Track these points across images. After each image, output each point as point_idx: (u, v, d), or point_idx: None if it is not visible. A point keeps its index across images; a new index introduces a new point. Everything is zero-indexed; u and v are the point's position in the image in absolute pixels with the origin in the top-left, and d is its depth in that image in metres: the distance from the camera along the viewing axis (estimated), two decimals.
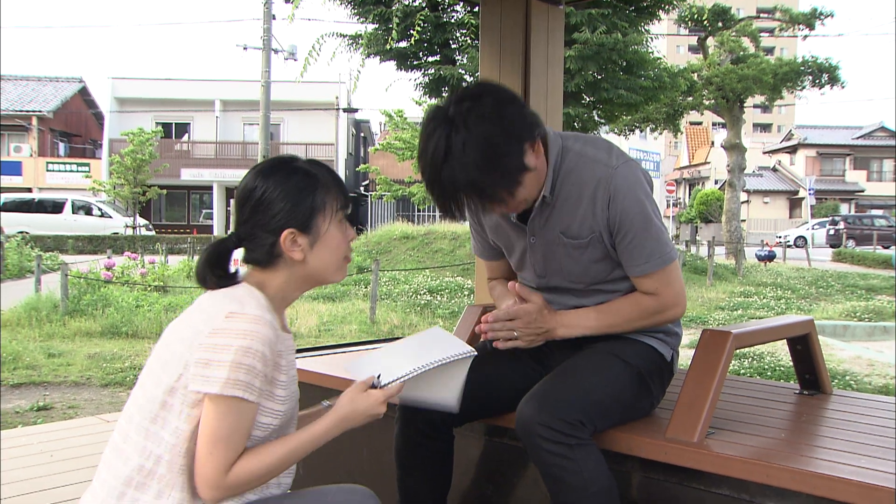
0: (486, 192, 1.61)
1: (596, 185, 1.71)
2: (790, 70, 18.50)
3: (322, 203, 1.46)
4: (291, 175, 1.46)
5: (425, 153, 1.63)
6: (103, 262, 10.96)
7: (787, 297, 13.32)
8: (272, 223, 1.43)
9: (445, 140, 1.59)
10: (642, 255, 1.72)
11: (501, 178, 1.61)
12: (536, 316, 1.77)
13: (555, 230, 1.77)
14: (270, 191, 1.44)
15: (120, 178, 24.68)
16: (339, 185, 1.50)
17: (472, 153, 1.57)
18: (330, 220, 1.47)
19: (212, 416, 1.34)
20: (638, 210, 1.70)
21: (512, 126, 1.62)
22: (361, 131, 37.59)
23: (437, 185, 1.63)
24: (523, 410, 1.65)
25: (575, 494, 1.58)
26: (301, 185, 1.45)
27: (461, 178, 1.59)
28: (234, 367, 1.33)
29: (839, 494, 1.42)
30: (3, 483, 2.82)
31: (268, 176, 1.46)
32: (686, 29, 20.35)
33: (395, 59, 9.60)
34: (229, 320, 1.35)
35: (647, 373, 1.81)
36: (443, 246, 15.26)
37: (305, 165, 1.49)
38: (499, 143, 1.59)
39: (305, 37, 43.10)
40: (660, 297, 1.75)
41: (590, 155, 1.74)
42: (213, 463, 1.34)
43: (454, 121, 1.59)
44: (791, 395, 2.13)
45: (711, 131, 46.65)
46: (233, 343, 1.34)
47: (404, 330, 9.12)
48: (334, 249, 1.49)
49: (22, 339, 7.88)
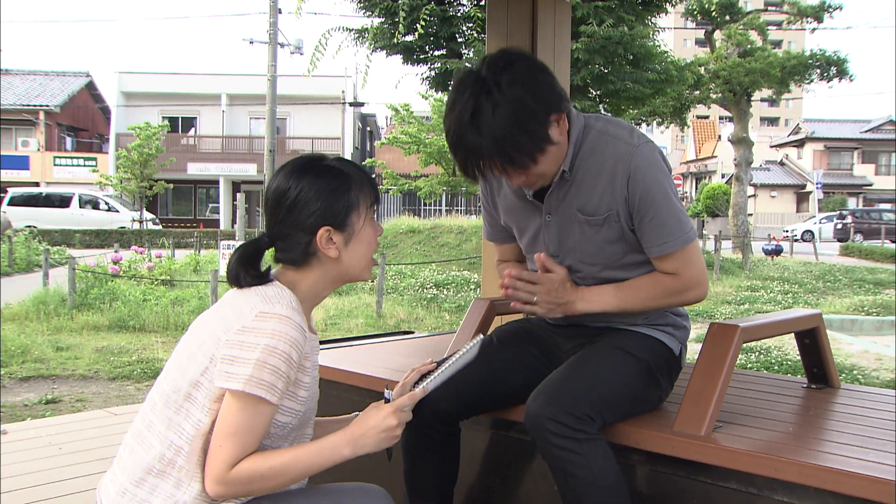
0: (511, 155, 1.60)
1: (616, 162, 1.70)
2: (798, 63, 18.41)
3: (356, 200, 1.48)
4: (324, 174, 1.47)
5: (452, 112, 1.62)
6: (110, 256, 11.00)
7: (795, 291, 13.28)
8: (308, 222, 1.45)
9: (475, 100, 1.58)
10: (662, 234, 1.70)
11: (528, 142, 1.60)
12: (559, 286, 1.76)
13: (571, 207, 1.76)
14: (305, 190, 1.45)
15: (127, 173, 24.75)
16: (370, 182, 1.52)
17: (502, 115, 1.57)
18: (364, 217, 1.49)
19: (229, 410, 1.35)
20: (658, 189, 1.69)
21: (542, 94, 1.62)
22: (368, 125, 37.59)
23: (462, 145, 1.62)
24: (532, 404, 1.64)
25: (584, 489, 1.57)
26: (335, 184, 1.47)
27: (487, 140, 1.58)
28: (259, 366, 1.34)
29: (847, 488, 1.42)
30: (13, 475, 2.84)
31: (301, 176, 1.47)
32: (693, 22, 20.26)
33: (401, 54, 9.59)
34: (259, 319, 1.36)
35: (656, 367, 1.81)
36: (449, 240, 15.26)
37: (336, 164, 1.51)
38: (529, 108, 1.59)
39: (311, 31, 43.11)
40: (680, 277, 1.74)
41: (611, 133, 1.74)
42: (222, 456, 1.35)
43: (486, 82, 1.59)
44: (799, 389, 2.13)
45: (718, 125, 46.53)
46: (260, 342, 1.35)
47: (410, 324, 9.13)
48: (367, 246, 1.51)
49: (30, 332, 7.92)
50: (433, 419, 1.79)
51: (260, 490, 1.40)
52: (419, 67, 9.93)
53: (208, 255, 15.09)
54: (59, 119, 31.50)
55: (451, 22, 9.02)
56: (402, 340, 2.95)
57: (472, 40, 9.30)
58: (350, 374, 2.34)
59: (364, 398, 2.33)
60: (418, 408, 1.81)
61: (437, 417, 1.79)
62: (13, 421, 4.49)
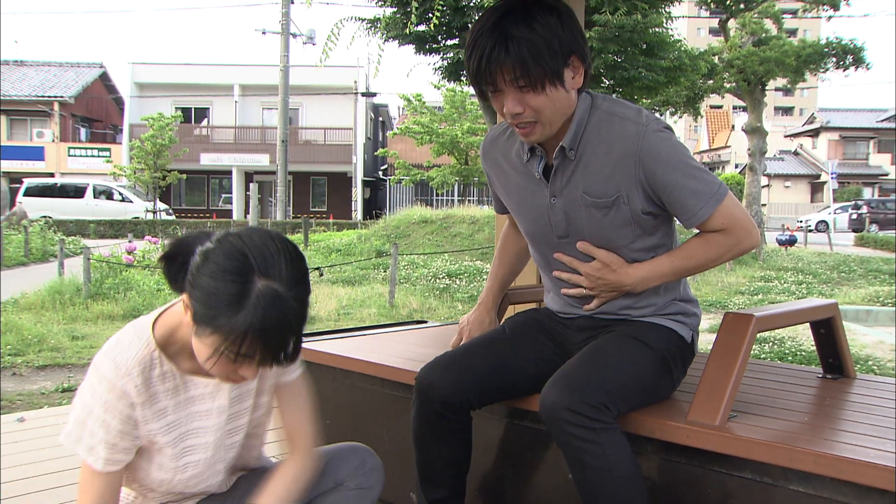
0: (528, 65, 1.57)
1: (625, 144, 1.67)
2: (813, 52, 18.21)
3: (217, 329, 1.21)
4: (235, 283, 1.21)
5: (484, 16, 1.62)
6: (124, 247, 11.06)
7: (809, 281, 13.20)
8: (191, 283, 1.26)
9: (507, 10, 1.59)
10: (696, 201, 1.66)
11: (549, 60, 1.59)
12: (602, 273, 1.77)
13: (577, 188, 1.73)
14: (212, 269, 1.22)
15: (140, 163, 24.87)
16: (261, 342, 1.21)
17: (531, 27, 1.57)
18: (214, 347, 1.23)
19: (82, 475, 1.36)
20: (677, 160, 1.65)
21: (576, 31, 1.63)
22: (380, 115, 37.57)
23: (480, 48, 1.59)
24: (548, 394, 1.64)
25: (599, 478, 1.57)
26: (222, 296, 1.20)
27: (512, 45, 1.56)
28: (79, 424, 1.32)
29: (864, 478, 1.41)
30: (32, 462, 2.87)
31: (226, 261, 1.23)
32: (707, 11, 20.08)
33: (413, 43, 9.56)
34: (93, 371, 1.34)
35: (670, 356, 1.80)
36: (461, 230, 15.25)
37: (258, 294, 1.20)
38: (559, 34, 1.60)
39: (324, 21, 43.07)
40: (729, 231, 1.69)
41: (618, 113, 1.70)
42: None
43: (516, 5, 1.60)
44: (814, 379, 2.11)
45: (732, 115, 46.19)
46: (84, 396, 1.33)
47: (423, 313, 9.15)
48: (204, 360, 1.28)
49: (46, 321, 7.99)
50: (443, 409, 1.79)
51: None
52: (432, 57, 9.90)
53: None
54: (73, 110, 31.67)
55: (463, 11, 8.98)
56: (415, 330, 2.96)
57: None
58: (364, 364, 2.35)
59: (378, 387, 2.34)
60: (428, 398, 1.81)
61: (448, 407, 1.80)
62: (31, 409, 4.54)
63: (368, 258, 12.88)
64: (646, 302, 1.83)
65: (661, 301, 1.84)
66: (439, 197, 30.26)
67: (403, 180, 25.17)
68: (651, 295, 1.83)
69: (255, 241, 1.23)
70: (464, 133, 22.71)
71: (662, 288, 1.83)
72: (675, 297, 1.87)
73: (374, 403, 2.38)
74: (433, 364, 1.85)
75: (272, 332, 1.20)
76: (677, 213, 1.71)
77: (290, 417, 1.56)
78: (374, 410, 2.39)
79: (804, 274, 14.06)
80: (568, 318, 1.93)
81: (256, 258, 1.21)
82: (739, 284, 12.44)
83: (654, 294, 1.83)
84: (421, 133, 22.94)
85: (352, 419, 2.45)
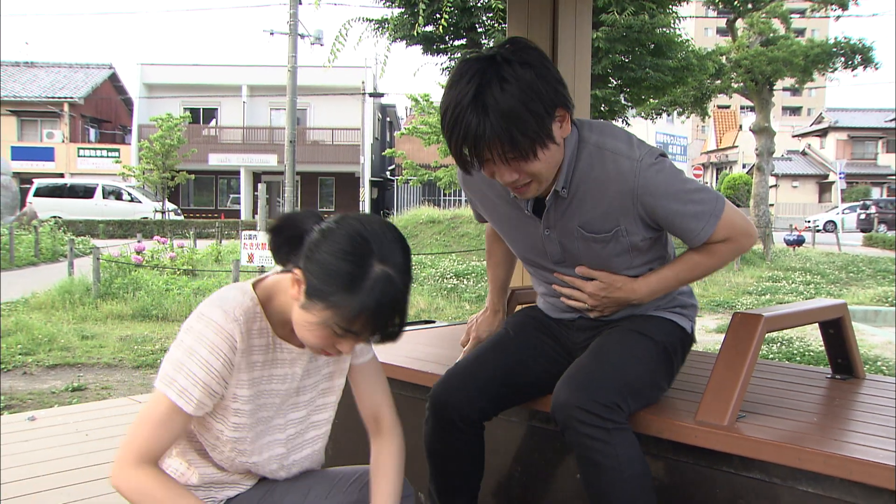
0: (515, 138, 1.48)
1: (621, 180, 1.63)
2: (822, 52, 18.14)
3: (333, 305, 1.28)
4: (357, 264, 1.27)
5: (453, 89, 1.50)
6: (133, 247, 11.11)
7: (817, 281, 13.16)
8: (307, 258, 1.31)
9: (481, 77, 1.47)
10: (698, 223, 1.66)
11: (534, 127, 1.49)
12: (607, 292, 1.78)
13: (572, 223, 1.72)
14: (333, 247, 1.28)
15: (149, 164, 24.94)
16: (372, 321, 1.29)
17: (511, 92, 1.46)
18: (323, 320, 1.30)
19: (150, 401, 1.36)
20: (674, 190, 1.63)
21: (552, 83, 1.52)
22: (387, 116, 37.60)
23: (460, 124, 1.48)
24: (560, 394, 1.64)
25: (610, 478, 1.57)
26: (343, 274, 1.27)
27: (492, 117, 1.45)
28: (176, 366, 1.34)
29: (874, 479, 1.41)
30: (43, 460, 2.90)
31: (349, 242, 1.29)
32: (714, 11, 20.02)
33: (421, 44, 9.58)
34: (195, 319, 1.36)
35: (672, 348, 1.82)
36: (469, 230, 15.26)
37: (376, 276, 1.27)
38: (538, 91, 1.48)
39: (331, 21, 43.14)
40: (732, 239, 1.71)
41: (609, 147, 1.65)
42: (132, 442, 1.34)
43: (495, 60, 1.49)
44: (822, 380, 2.11)
45: (739, 115, 46.07)
46: (185, 341, 1.35)
47: (430, 313, 9.16)
48: (307, 332, 1.34)
49: (56, 321, 8.03)
50: (462, 423, 1.79)
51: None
52: (439, 57, 9.92)
53: (229, 245, 15.21)
54: (82, 111, 31.81)
55: (471, 12, 8.99)
56: (423, 330, 2.97)
57: (493, 30, 9.27)
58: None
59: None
60: (445, 414, 1.80)
61: (465, 421, 1.79)
62: (41, 408, 4.57)
63: None
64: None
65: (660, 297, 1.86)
66: (447, 197, 30.25)
67: (411, 180, 25.14)
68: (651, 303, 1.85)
69: (374, 228, 1.31)
70: None
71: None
72: (672, 293, 1.88)
73: None
74: (447, 379, 1.83)
75: (383, 313, 1.29)
76: (681, 236, 1.72)
77: (369, 398, 1.62)
78: None
79: (812, 274, 14.01)
80: (568, 319, 1.94)
81: (375, 243, 1.29)
82: (747, 285, 12.41)
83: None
84: (428, 133, 22.91)
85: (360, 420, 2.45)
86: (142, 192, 25.87)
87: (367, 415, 1.63)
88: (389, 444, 1.59)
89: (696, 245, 1.71)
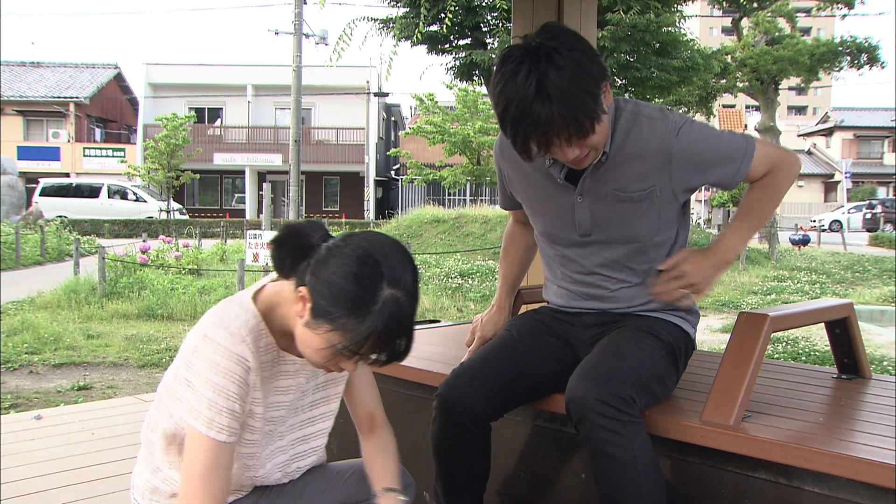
0: (580, 120, 1.57)
1: (658, 141, 1.72)
2: (827, 51, 18.12)
3: (340, 327, 1.26)
4: (365, 289, 1.26)
5: (512, 83, 1.56)
6: (139, 246, 11.14)
7: (822, 281, 13.13)
8: (312, 276, 1.30)
9: (537, 67, 1.54)
10: (732, 166, 1.75)
11: (592, 105, 1.58)
12: (696, 268, 1.77)
13: (608, 187, 1.77)
14: (341, 268, 1.27)
15: (154, 163, 25.01)
16: (380, 344, 1.28)
17: (567, 77, 1.54)
18: (329, 342, 1.29)
19: (188, 448, 1.35)
20: (704, 142, 1.74)
21: (595, 59, 1.61)
22: (392, 115, 37.62)
23: (527, 117, 1.56)
24: (577, 388, 1.63)
25: (623, 471, 1.57)
26: (352, 297, 1.25)
27: (558, 105, 1.54)
28: (211, 406, 1.32)
29: (881, 479, 1.40)
30: (49, 459, 2.91)
31: (358, 264, 1.27)
32: (720, 10, 19.99)
33: (425, 43, 9.58)
34: (204, 343, 1.34)
35: (678, 349, 1.83)
36: (473, 229, 15.26)
37: (385, 300, 1.26)
38: (588, 71, 1.57)
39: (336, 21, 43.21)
40: (773, 171, 1.78)
41: (644, 114, 1.76)
42: (189, 497, 1.33)
43: (542, 49, 1.56)
44: (828, 379, 2.11)
45: (745, 114, 45.94)
46: (203, 373, 1.33)
47: (435, 313, 9.16)
48: (312, 351, 1.33)
49: (62, 320, 8.06)
50: (469, 423, 1.79)
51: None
52: (444, 57, 9.92)
53: (234, 244, 15.24)
54: (88, 110, 31.91)
55: (475, 12, 9.00)
56: (428, 329, 2.97)
57: (497, 30, 9.27)
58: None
59: (391, 387, 2.35)
60: (453, 413, 1.80)
61: (474, 421, 1.79)
62: (47, 406, 4.58)
63: None
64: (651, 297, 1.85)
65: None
66: (451, 196, 30.27)
67: (415, 180, 25.19)
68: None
69: (385, 250, 1.30)
70: (476, 132, 22.72)
71: None
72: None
73: (389, 404, 2.38)
74: (454, 379, 1.83)
75: (391, 337, 1.28)
76: (720, 183, 1.78)
77: (363, 399, 1.64)
78: (388, 411, 2.38)
79: (818, 274, 13.98)
80: (573, 313, 1.94)
81: (385, 266, 1.27)
82: (752, 284, 12.39)
83: None
84: (433, 133, 22.96)
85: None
86: (147, 191, 25.93)
87: (362, 415, 1.65)
88: (385, 436, 1.63)
89: (736, 185, 1.79)
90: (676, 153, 1.72)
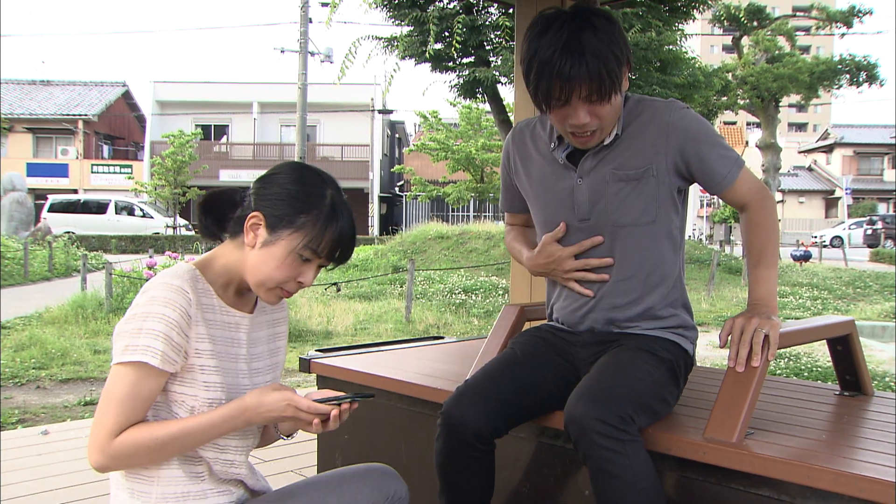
0: (603, 77, 1.65)
1: (657, 120, 1.81)
2: (827, 69, 18.19)
3: (300, 227, 1.40)
4: (313, 188, 1.43)
5: (545, 35, 1.66)
6: (145, 262, 11.14)
7: (824, 297, 13.09)
8: (259, 201, 1.43)
9: (572, 25, 1.65)
10: (723, 168, 1.80)
11: (617, 70, 1.67)
12: (752, 324, 1.69)
13: (607, 168, 1.83)
14: (284, 180, 1.43)
15: (161, 180, 25.09)
16: (336, 241, 1.42)
17: (601, 37, 1.64)
18: (293, 246, 1.40)
19: (112, 379, 1.35)
20: (703, 132, 1.81)
21: (625, 37, 1.72)
22: (396, 132, 37.75)
23: (555, 65, 1.64)
24: (576, 406, 1.64)
25: (623, 490, 1.58)
26: (304, 197, 1.41)
27: (588, 56, 1.63)
28: (133, 334, 1.33)
29: (884, 497, 1.41)
30: (56, 474, 2.92)
31: (299, 172, 1.45)
32: (720, 28, 20.11)
33: (430, 62, 9.64)
34: (140, 294, 1.38)
35: (678, 367, 1.84)
36: (477, 245, 15.27)
37: (332, 198, 1.43)
38: (618, 41, 1.68)
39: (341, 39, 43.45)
40: (756, 199, 1.83)
41: (647, 100, 1.87)
42: (102, 425, 1.34)
43: (579, 14, 1.67)
44: (831, 396, 2.11)
45: (746, 131, 46.01)
46: (135, 311, 1.35)
47: (439, 329, 9.16)
48: (273, 267, 1.41)
49: (69, 335, 8.07)
50: (474, 440, 1.79)
51: (144, 462, 1.39)
52: (447, 75, 9.97)
53: None
54: (96, 128, 32.10)
55: (479, 30, 9.05)
56: (432, 346, 2.98)
57: (501, 48, 9.33)
58: (383, 380, 2.36)
59: (395, 402, 2.36)
60: (457, 431, 1.81)
61: (478, 438, 1.79)
62: (54, 422, 4.60)
63: (385, 274, 12.92)
64: (649, 313, 1.88)
65: (664, 313, 1.89)
66: (455, 213, 30.30)
67: (419, 196, 25.20)
68: (656, 305, 1.88)
69: (313, 167, 1.47)
70: (479, 149, 22.78)
71: (665, 302, 1.89)
72: (675, 310, 1.91)
73: (393, 420, 2.40)
74: (458, 397, 1.84)
75: (346, 234, 1.43)
76: (706, 178, 1.82)
77: None
78: (392, 427, 2.40)
79: (819, 290, 13.94)
80: (573, 334, 1.96)
81: (321, 173, 1.46)
82: None
83: (658, 304, 1.88)
84: (437, 149, 23.00)
85: (370, 435, 2.47)
86: (153, 207, 26.01)
87: None
88: None
89: (720, 189, 1.82)
90: (674, 127, 1.79)
